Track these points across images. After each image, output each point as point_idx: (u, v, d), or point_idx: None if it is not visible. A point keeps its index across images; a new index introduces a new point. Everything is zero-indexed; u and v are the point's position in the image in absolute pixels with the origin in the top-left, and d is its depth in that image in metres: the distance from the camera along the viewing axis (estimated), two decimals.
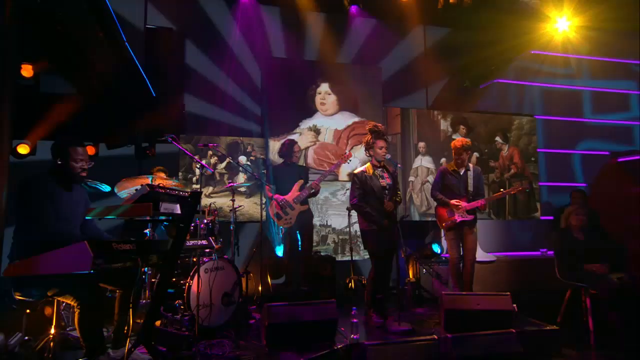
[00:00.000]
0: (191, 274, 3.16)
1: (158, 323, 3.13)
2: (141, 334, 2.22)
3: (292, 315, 2.95)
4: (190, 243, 2.66)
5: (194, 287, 3.06)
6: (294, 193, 4.05)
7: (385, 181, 3.43)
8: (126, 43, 3.47)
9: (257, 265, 4.18)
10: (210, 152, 4.73)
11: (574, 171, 6.28)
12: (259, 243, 4.02)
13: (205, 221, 3.58)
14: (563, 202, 5.41)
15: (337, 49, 5.41)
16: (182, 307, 3.08)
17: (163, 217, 2.40)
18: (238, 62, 5.12)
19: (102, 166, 4.12)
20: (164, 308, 3.13)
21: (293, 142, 4.20)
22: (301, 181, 4.10)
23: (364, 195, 3.39)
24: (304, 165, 4.86)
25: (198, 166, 3.23)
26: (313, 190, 4.07)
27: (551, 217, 5.76)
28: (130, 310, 2.30)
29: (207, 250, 2.85)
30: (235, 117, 5.04)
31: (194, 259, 3.21)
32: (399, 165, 3.51)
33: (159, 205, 2.21)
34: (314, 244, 4.89)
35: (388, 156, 3.46)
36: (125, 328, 2.28)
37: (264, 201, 4.49)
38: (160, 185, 2.10)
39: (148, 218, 2.54)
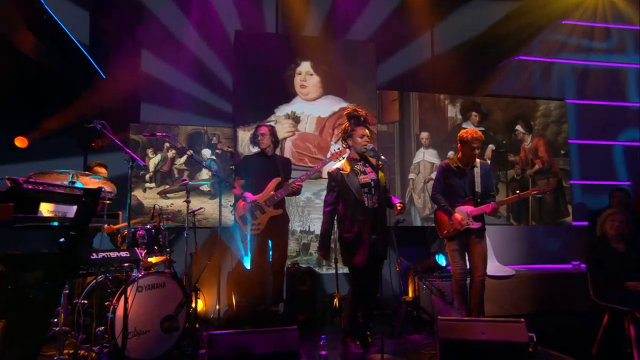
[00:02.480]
0: (118, 293, 2.82)
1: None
2: None
3: (240, 346, 2.61)
4: (100, 255, 2.29)
5: (120, 310, 2.73)
6: (267, 193, 3.72)
7: (368, 176, 3.13)
8: (51, 14, 3.13)
9: (221, 280, 3.84)
10: (167, 145, 4.43)
11: (614, 167, 5.92)
12: (217, 253, 3.69)
13: (148, 227, 3.33)
14: (601, 203, 5.09)
15: (320, 21, 5.11)
16: (106, 335, 2.74)
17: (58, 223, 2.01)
18: (210, 20, 4.84)
19: (39, 161, 3.91)
20: (83, 338, 2.81)
21: (259, 126, 3.89)
22: (278, 179, 3.76)
23: (339, 197, 3.12)
24: (286, 157, 4.48)
25: (127, 158, 2.86)
26: (295, 189, 3.76)
27: (585, 223, 5.39)
28: None
29: (127, 264, 2.47)
30: (202, 88, 4.75)
31: (121, 275, 2.85)
32: (382, 157, 3.10)
33: (36, 207, 1.84)
34: (294, 253, 4.64)
35: (370, 146, 3.15)
36: None
37: (231, 202, 4.20)
38: (34, 179, 1.72)
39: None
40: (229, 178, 4.41)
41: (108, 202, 2.40)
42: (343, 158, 3.29)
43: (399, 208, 3.12)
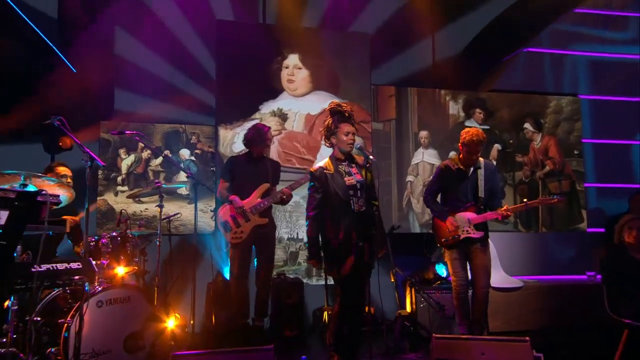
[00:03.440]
0: (74, 309, 2.68)
1: None
2: None
3: None
4: (43, 267, 2.13)
5: (75, 328, 2.56)
6: (252, 200, 3.59)
7: (354, 178, 3.01)
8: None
9: (198, 292, 3.74)
10: (141, 145, 4.31)
11: (633, 168, 5.77)
12: (192, 263, 3.56)
13: (114, 234, 3.23)
14: (618, 209, 4.98)
15: (310, 9, 5.03)
16: (58, 357, 2.60)
17: None
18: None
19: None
20: None
21: (265, 127, 3.72)
22: (266, 185, 3.63)
23: (324, 201, 2.98)
24: (276, 160, 4.32)
25: (85, 158, 2.71)
26: (284, 197, 3.64)
27: (601, 230, 5.25)
28: None
29: (77, 277, 2.31)
30: (183, 76, 4.64)
31: (76, 288, 2.70)
32: (371, 158, 2.98)
33: None
34: (280, 262, 4.53)
35: (358, 144, 3.01)
36: None
37: (211, 207, 4.07)
38: None
39: None
40: (209, 181, 4.28)
41: (54, 207, 2.26)
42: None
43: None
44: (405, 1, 5.21)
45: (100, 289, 2.81)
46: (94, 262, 2.96)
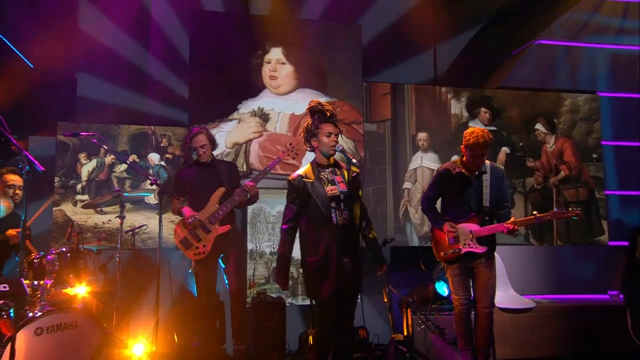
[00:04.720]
0: (6, 338, 2.52)
1: None
2: None
3: None
4: None
5: None
6: (210, 208, 3.50)
7: (338, 187, 2.90)
8: None
9: (164, 314, 3.63)
10: (104, 148, 4.18)
11: None
12: (155, 281, 3.40)
13: (64, 249, 3.11)
14: None
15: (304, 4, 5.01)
16: None
17: None
18: None
19: None
20: None
21: (194, 129, 3.65)
22: (222, 190, 3.54)
23: (301, 212, 2.89)
24: (229, 161, 4.26)
25: (22, 161, 2.59)
26: (248, 196, 3.52)
27: (625, 243, 5.04)
28: None
29: (1, 302, 2.13)
30: (157, 61, 4.58)
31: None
32: (353, 161, 2.88)
33: None
34: (262, 280, 4.43)
35: (340, 147, 2.90)
36: None
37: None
38: None
39: None
40: None
41: None
42: (297, 155, 3.04)
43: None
44: None
45: (39, 313, 2.63)
46: (35, 283, 2.83)
